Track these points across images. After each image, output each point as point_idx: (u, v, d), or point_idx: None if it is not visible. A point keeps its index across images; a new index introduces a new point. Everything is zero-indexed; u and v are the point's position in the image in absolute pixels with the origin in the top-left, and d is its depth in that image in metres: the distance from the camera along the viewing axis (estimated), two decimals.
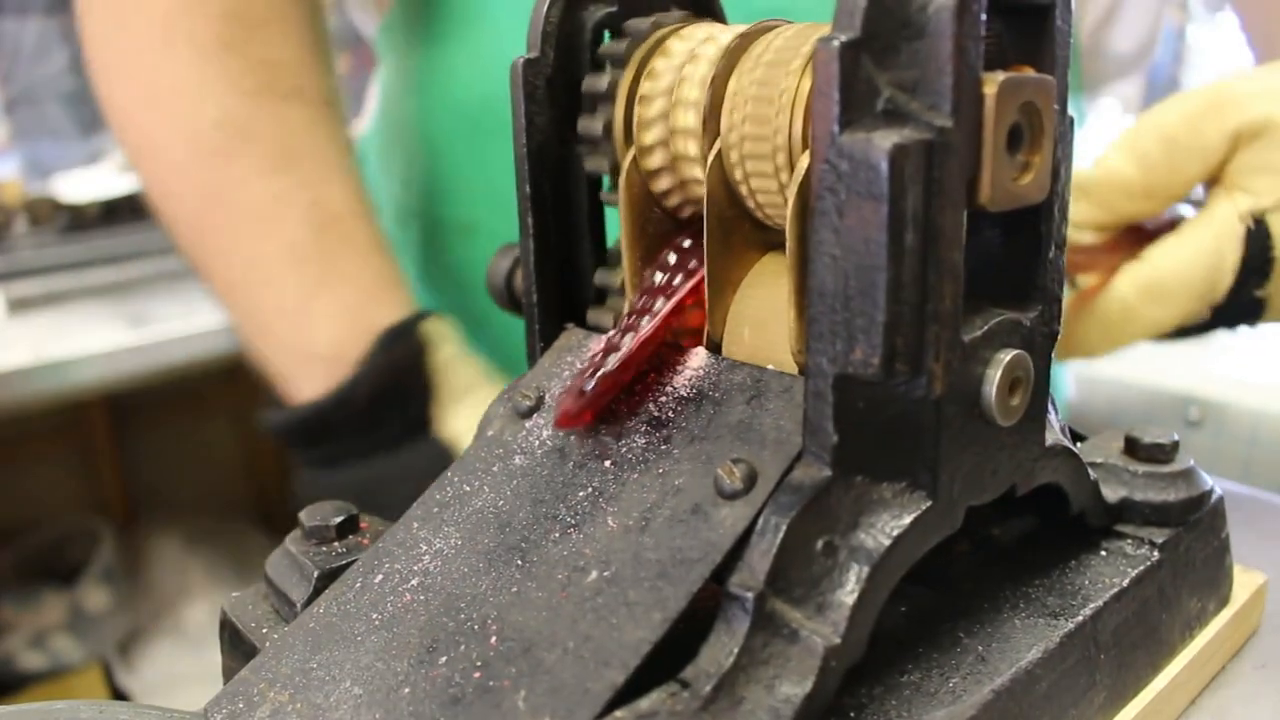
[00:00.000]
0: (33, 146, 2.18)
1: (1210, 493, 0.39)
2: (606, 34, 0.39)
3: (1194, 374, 1.06)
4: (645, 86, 0.36)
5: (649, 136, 0.36)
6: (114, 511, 1.92)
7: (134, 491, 1.96)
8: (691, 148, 0.35)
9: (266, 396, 0.76)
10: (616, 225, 0.38)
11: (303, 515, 0.36)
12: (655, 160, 0.36)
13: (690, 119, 0.34)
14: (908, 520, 0.28)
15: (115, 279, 1.47)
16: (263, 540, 1.93)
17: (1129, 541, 0.37)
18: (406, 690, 0.28)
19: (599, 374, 0.33)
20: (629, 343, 0.33)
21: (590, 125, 0.37)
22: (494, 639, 0.28)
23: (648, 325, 0.34)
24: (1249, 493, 0.54)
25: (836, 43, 0.25)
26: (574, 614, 0.28)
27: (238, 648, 0.35)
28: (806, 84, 0.30)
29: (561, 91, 0.39)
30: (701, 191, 0.35)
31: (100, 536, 1.79)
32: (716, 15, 0.43)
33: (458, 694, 0.27)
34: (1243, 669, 0.39)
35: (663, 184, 0.36)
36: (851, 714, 0.29)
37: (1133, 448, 0.39)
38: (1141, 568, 0.35)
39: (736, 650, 0.26)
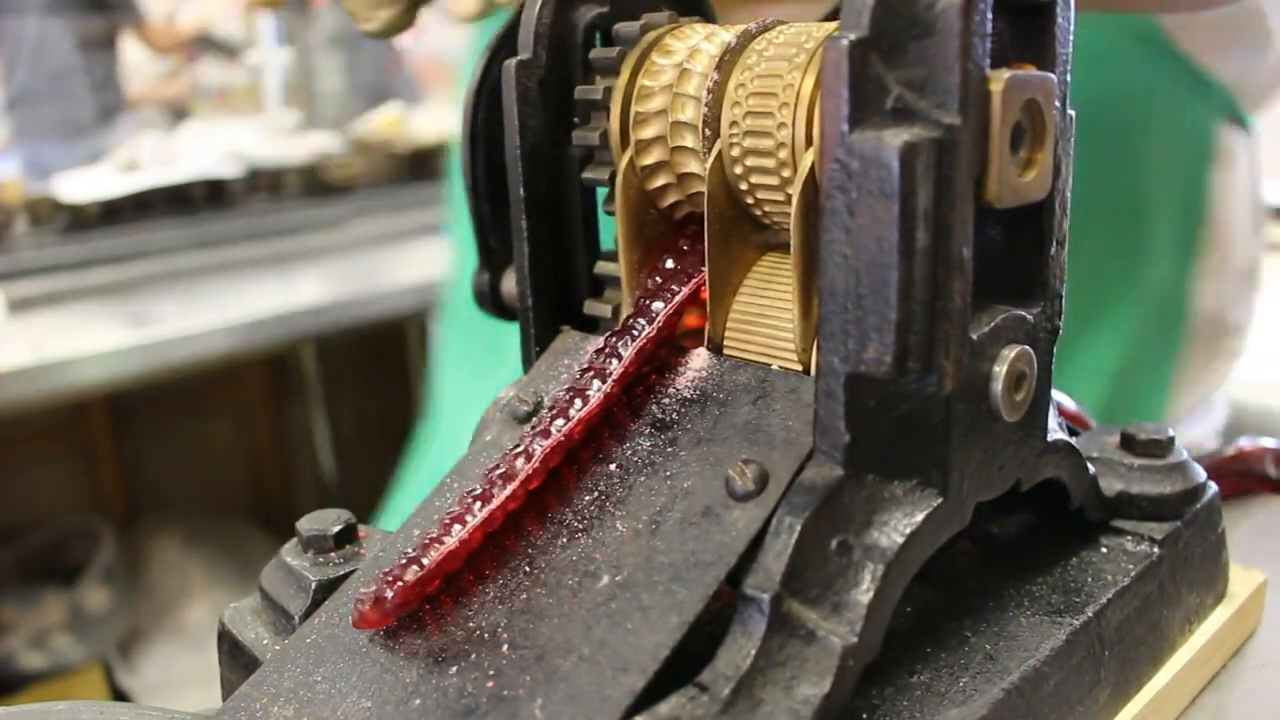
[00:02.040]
0: (33, 146, 2.15)
1: (1205, 485, 0.39)
2: (598, 35, 0.39)
3: None
4: (642, 87, 0.35)
5: (646, 136, 0.35)
6: (114, 511, 1.91)
7: (134, 491, 1.95)
8: (690, 147, 0.34)
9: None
10: (610, 227, 0.38)
11: (300, 524, 0.36)
12: (652, 161, 0.36)
13: (689, 119, 0.34)
14: (920, 517, 0.28)
15: (115, 279, 1.46)
16: (263, 540, 1.93)
17: (1129, 538, 0.37)
18: (417, 701, 0.27)
19: (399, 583, 0.30)
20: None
21: (587, 135, 0.37)
22: (505, 647, 0.28)
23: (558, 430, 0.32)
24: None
25: (845, 41, 0.25)
26: (587, 620, 0.27)
27: (237, 659, 0.34)
28: (809, 82, 0.30)
29: (554, 93, 0.38)
30: (698, 190, 0.35)
31: (100, 536, 1.79)
32: (706, 14, 0.43)
33: (471, 704, 0.26)
34: (1242, 668, 0.39)
35: (660, 184, 0.36)
36: (864, 716, 0.29)
37: (1129, 442, 0.39)
38: (1143, 564, 0.36)
39: (754, 652, 0.25)
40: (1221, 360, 0.74)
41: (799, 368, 0.32)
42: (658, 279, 0.36)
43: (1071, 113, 0.31)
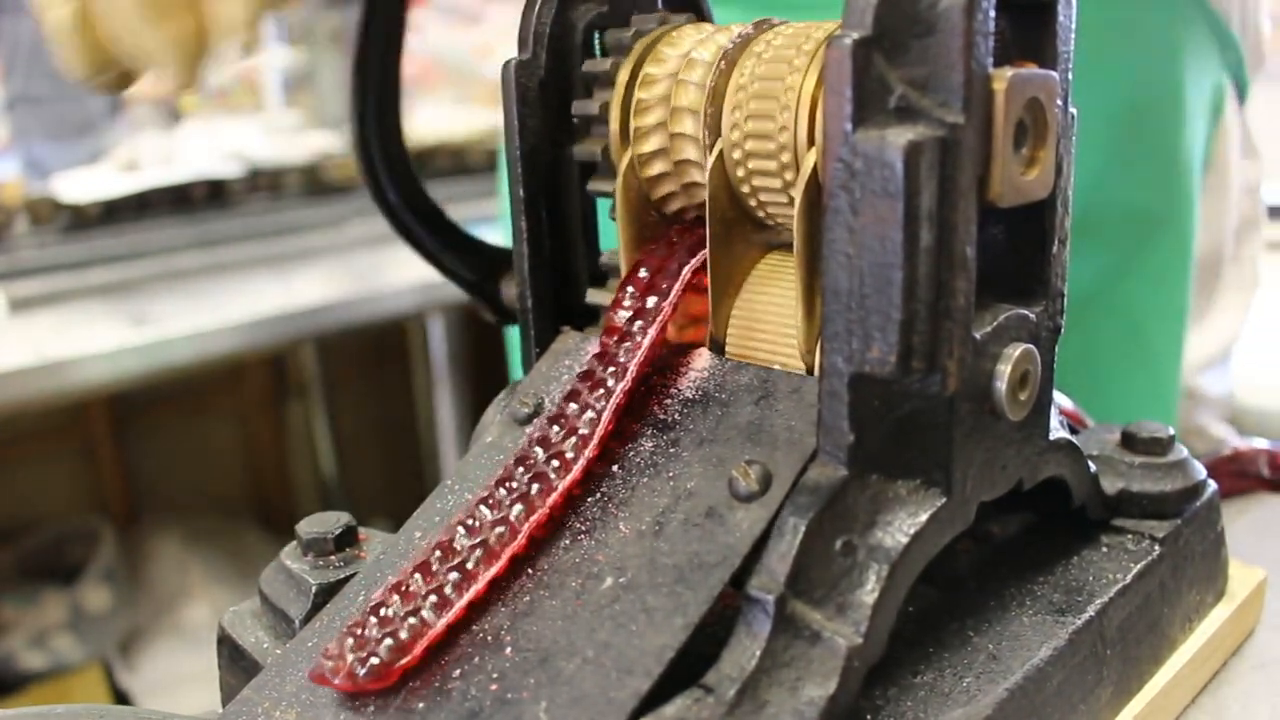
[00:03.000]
0: (33, 146, 2.15)
1: (1205, 483, 0.39)
2: (597, 35, 0.39)
3: None
4: (643, 83, 0.35)
5: (646, 133, 0.35)
6: (114, 511, 1.91)
7: (134, 491, 1.95)
8: (691, 148, 0.34)
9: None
10: (611, 228, 0.38)
11: (300, 527, 0.36)
12: (653, 162, 0.35)
13: (689, 120, 0.34)
14: (924, 517, 0.28)
15: (116, 278, 1.45)
16: (263, 540, 1.93)
17: (1129, 536, 0.37)
18: (420, 705, 0.27)
19: (373, 659, 0.28)
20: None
21: (589, 149, 0.37)
22: (509, 650, 0.28)
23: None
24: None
25: (849, 40, 0.25)
26: (591, 622, 0.27)
27: (237, 663, 0.34)
28: (811, 81, 0.30)
29: (553, 93, 0.38)
30: (699, 189, 0.35)
31: (100, 536, 1.79)
32: (701, 13, 0.42)
33: (475, 708, 0.26)
34: (1242, 668, 0.39)
35: (660, 181, 0.36)
36: (868, 717, 0.29)
37: (1129, 441, 0.39)
38: (1143, 563, 0.36)
39: (759, 653, 0.25)
40: (1230, 308, 0.75)
41: (801, 368, 0.32)
42: (624, 326, 0.34)
43: (1073, 110, 0.31)
